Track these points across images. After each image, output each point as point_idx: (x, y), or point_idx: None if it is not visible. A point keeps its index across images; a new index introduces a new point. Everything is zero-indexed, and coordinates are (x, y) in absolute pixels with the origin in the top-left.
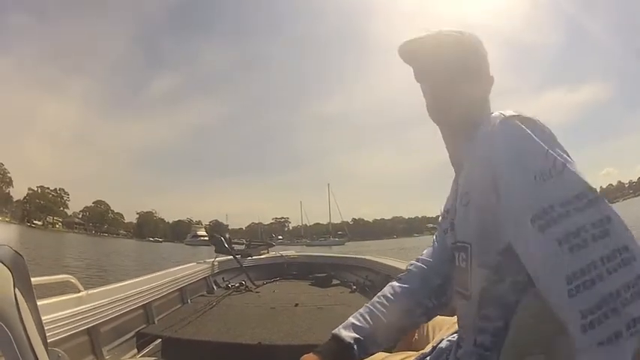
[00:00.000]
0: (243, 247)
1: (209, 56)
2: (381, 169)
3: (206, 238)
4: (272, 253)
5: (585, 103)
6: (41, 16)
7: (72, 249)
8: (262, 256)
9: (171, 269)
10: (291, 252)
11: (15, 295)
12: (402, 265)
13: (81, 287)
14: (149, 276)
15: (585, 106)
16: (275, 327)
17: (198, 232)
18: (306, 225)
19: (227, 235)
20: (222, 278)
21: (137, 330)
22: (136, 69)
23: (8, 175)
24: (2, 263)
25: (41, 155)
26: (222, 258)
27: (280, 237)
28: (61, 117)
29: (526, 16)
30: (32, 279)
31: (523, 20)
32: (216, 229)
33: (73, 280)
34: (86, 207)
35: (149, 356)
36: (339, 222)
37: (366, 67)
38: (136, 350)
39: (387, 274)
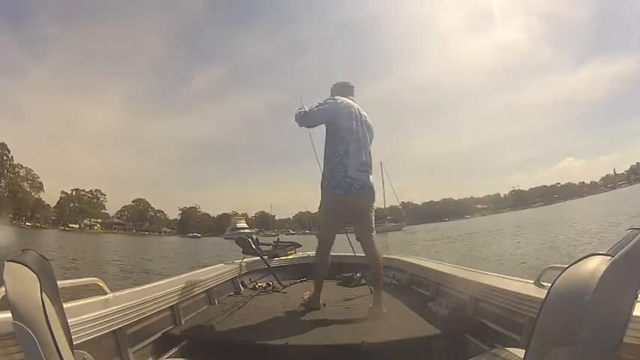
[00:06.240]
0: (270, 247)
1: (250, 46)
2: (426, 151)
3: (247, 231)
4: (299, 254)
5: (624, 74)
6: (72, 23)
7: None
8: (289, 257)
9: (199, 270)
10: None
11: (42, 299)
12: (429, 265)
13: (107, 289)
14: (176, 277)
15: (625, 78)
16: (303, 327)
17: (237, 225)
18: None
19: (254, 237)
20: (250, 279)
21: (164, 331)
22: (176, 65)
23: (38, 180)
24: (29, 268)
25: (82, 159)
26: (249, 259)
27: None
28: (102, 120)
29: None
30: (59, 282)
31: None
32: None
33: (99, 283)
34: (124, 206)
35: (175, 357)
36: (388, 206)
37: (410, 48)
38: (162, 351)
39: (414, 273)
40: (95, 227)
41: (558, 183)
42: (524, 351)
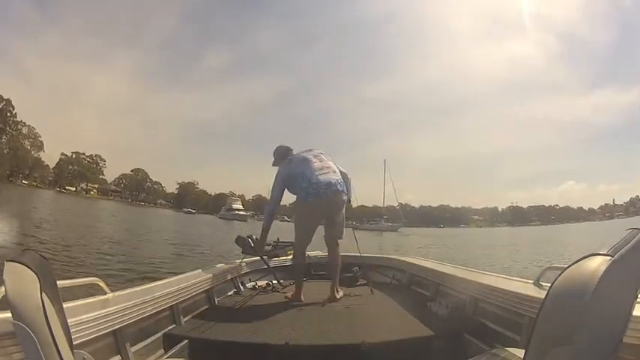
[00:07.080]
0: (270, 247)
1: (263, 33)
2: (428, 154)
3: (242, 212)
4: None
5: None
6: None
7: None
8: (289, 257)
9: (199, 270)
10: (317, 252)
11: (42, 299)
12: (429, 265)
13: (107, 289)
14: (176, 277)
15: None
16: (302, 327)
17: (233, 206)
18: (351, 206)
19: (254, 237)
20: (249, 279)
21: (164, 331)
22: (187, 44)
23: (39, 139)
24: (29, 268)
25: (85, 124)
26: (249, 259)
27: None
28: (109, 89)
29: (582, 8)
30: (58, 282)
31: (578, 12)
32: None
33: (100, 283)
34: (123, 174)
35: (176, 357)
36: (386, 206)
37: (419, 50)
38: (162, 351)
39: (414, 273)
40: (91, 192)
41: (557, 205)
42: (524, 351)
